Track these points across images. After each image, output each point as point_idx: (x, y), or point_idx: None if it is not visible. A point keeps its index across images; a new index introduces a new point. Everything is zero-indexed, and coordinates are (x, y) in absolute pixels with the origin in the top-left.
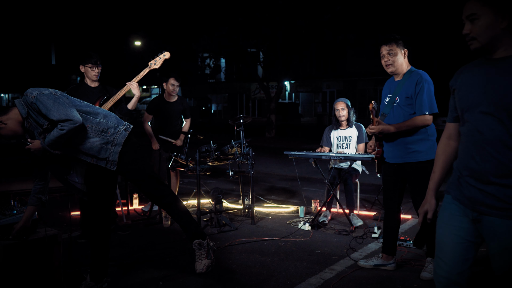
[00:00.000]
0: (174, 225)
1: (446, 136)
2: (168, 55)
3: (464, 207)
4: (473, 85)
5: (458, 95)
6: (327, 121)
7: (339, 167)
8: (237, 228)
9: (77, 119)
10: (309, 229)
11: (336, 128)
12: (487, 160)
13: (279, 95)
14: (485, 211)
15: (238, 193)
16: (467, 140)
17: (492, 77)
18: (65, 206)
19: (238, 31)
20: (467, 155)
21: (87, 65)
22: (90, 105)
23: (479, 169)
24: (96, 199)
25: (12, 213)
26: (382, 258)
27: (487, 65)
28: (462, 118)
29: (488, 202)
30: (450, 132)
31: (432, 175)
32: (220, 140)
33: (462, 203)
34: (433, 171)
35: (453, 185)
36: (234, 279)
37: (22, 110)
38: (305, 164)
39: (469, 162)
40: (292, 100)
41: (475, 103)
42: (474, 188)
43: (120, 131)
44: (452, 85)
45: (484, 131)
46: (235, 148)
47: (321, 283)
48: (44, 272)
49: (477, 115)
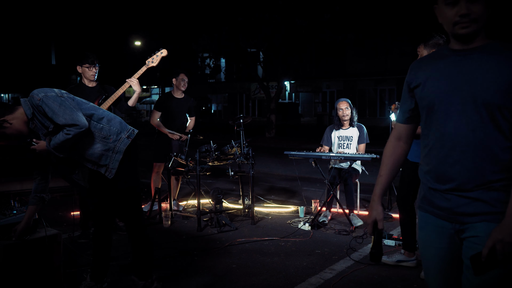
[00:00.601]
0: (174, 225)
1: (396, 137)
2: (165, 52)
3: (443, 220)
4: (444, 80)
5: (423, 92)
6: (327, 121)
7: (339, 167)
8: (237, 228)
9: (83, 124)
10: (309, 229)
11: (337, 128)
12: (467, 166)
13: (279, 95)
14: (468, 220)
15: (238, 193)
16: (440, 145)
17: (467, 70)
18: (65, 206)
19: (238, 31)
20: (441, 162)
21: (84, 65)
22: (95, 108)
23: (458, 177)
24: (99, 201)
25: (12, 213)
26: (404, 255)
27: (457, 57)
28: (429, 119)
29: (471, 210)
30: (400, 133)
31: (378, 179)
32: (220, 140)
33: (438, 216)
34: (379, 175)
35: (425, 199)
36: (234, 279)
37: (27, 111)
38: (305, 164)
39: (445, 170)
40: (292, 100)
41: (449, 101)
42: (453, 197)
43: (122, 138)
44: (411, 81)
45: (462, 133)
46: (235, 148)
47: (321, 283)
48: (44, 272)
49: (453, 115)
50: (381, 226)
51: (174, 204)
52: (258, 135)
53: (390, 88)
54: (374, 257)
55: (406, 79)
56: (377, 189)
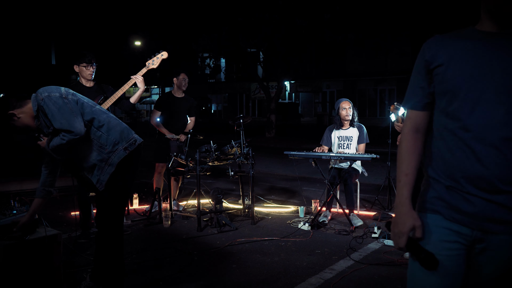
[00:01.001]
0: (174, 225)
1: (413, 129)
2: (165, 55)
3: (460, 225)
4: (474, 63)
5: (446, 74)
6: (327, 121)
7: (339, 167)
8: (237, 228)
9: (78, 131)
10: (309, 229)
11: (338, 127)
12: (496, 163)
13: (279, 95)
14: (492, 228)
15: (238, 193)
16: (465, 138)
17: (503, 55)
18: (65, 206)
19: (238, 31)
20: (466, 158)
21: (82, 65)
22: (99, 112)
23: (486, 175)
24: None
25: (12, 213)
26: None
27: (490, 39)
28: (450, 106)
29: (496, 215)
30: (418, 124)
31: (404, 179)
32: (220, 140)
33: (455, 221)
34: (404, 173)
35: (441, 201)
36: (234, 279)
37: (34, 107)
38: (305, 164)
39: (471, 166)
40: (292, 100)
41: (480, 88)
42: (479, 200)
43: (118, 150)
44: (431, 59)
45: (495, 126)
46: (235, 148)
47: (321, 283)
48: (44, 272)
49: (483, 104)
50: (420, 234)
51: (174, 204)
52: (258, 135)
53: (390, 88)
54: (430, 261)
55: (423, 57)
56: (404, 190)
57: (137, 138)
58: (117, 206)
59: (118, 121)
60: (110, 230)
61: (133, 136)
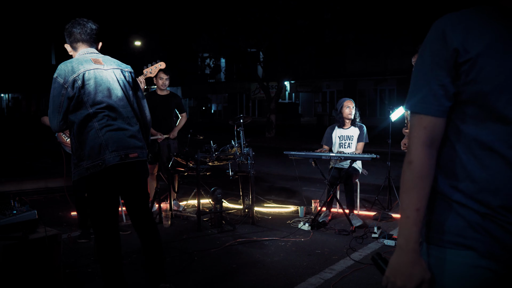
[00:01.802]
0: (174, 225)
1: (427, 142)
2: (163, 65)
3: (502, 266)
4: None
5: (482, 71)
6: (327, 121)
7: (339, 167)
8: (237, 228)
9: (53, 127)
10: (309, 229)
11: (339, 126)
12: None
13: (279, 95)
14: None
15: (238, 193)
16: (506, 154)
17: None
18: (65, 206)
19: (238, 31)
20: (510, 180)
21: None
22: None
23: None
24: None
25: (12, 213)
26: None
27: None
28: (485, 111)
29: None
30: (435, 135)
31: (414, 215)
32: (220, 140)
33: (497, 260)
34: (415, 207)
35: (475, 232)
36: (234, 279)
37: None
38: (305, 164)
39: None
40: (292, 100)
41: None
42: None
43: (81, 167)
44: (461, 48)
45: None
46: (235, 148)
47: (321, 283)
48: (44, 272)
49: None
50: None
51: (174, 204)
52: (258, 135)
53: (390, 88)
54: None
55: (447, 43)
56: (414, 231)
57: (109, 159)
58: (91, 209)
59: (97, 137)
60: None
61: (102, 158)
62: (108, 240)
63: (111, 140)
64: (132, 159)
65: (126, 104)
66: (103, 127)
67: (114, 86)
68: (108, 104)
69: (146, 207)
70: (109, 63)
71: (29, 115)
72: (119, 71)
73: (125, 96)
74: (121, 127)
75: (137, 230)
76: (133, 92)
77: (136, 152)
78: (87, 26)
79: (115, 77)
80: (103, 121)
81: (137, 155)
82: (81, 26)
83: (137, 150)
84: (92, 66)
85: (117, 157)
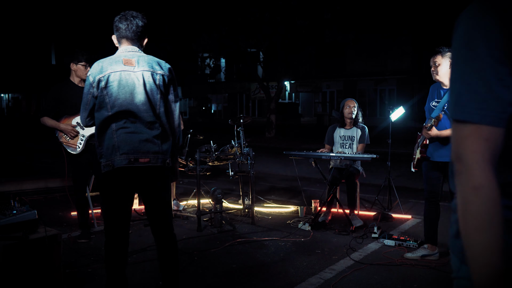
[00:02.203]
0: (174, 225)
1: (492, 159)
2: None
3: None
4: None
5: None
6: (327, 121)
7: (339, 167)
8: (237, 228)
9: (81, 122)
10: (309, 229)
11: (340, 126)
12: None
13: (279, 95)
14: None
15: (238, 193)
16: None
17: None
18: (65, 206)
19: (238, 31)
20: None
21: (81, 63)
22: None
23: None
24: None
25: (12, 213)
26: (428, 249)
27: None
28: None
29: None
30: (497, 149)
31: (498, 263)
32: (220, 140)
33: None
34: (498, 252)
35: None
36: (234, 279)
37: None
38: (305, 164)
39: None
40: (292, 100)
41: None
42: None
43: (101, 163)
44: None
45: None
46: (235, 148)
47: (321, 283)
48: (44, 272)
49: None
50: None
51: (174, 204)
52: (258, 135)
53: (390, 88)
54: None
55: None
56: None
57: (118, 161)
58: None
59: (115, 136)
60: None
61: (112, 158)
62: (113, 239)
63: (123, 143)
64: (143, 164)
65: (148, 108)
66: (119, 128)
67: (138, 90)
68: (128, 108)
69: (162, 215)
70: (142, 65)
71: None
72: (148, 74)
73: (148, 100)
74: (137, 131)
75: (154, 237)
76: (162, 96)
77: (148, 157)
78: (133, 23)
79: (142, 80)
80: (120, 123)
81: (149, 160)
82: (128, 22)
83: (150, 155)
84: (120, 67)
85: (126, 160)
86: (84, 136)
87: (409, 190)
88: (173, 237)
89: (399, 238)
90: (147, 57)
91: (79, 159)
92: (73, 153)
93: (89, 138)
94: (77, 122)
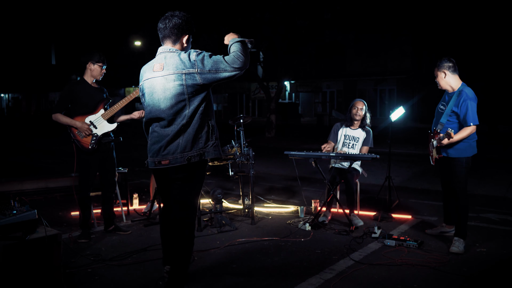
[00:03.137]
0: None
1: None
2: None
3: None
4: None
5: None
6: (327, 121)
7: (339, 167)
8: (237, 228)
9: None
10: (309, 229)
11: (347, 125)
12: None
13: (279, 95)
14: None
15: (238, 193)
16: None
17: None
18: (65, 206)
19: (238, 31)
20: None
21: (98, 63)
22: (146, 122)
23: None
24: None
25: (12, 213)
26: (446, 227)
27: None
28: None
29: None
30: None
31: None
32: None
33: None
34: None
35: None
36: (234, 279)
37: None
38: (305, 164)
39: None
40: (292, 100)
41: None
42: None
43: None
44: None
45: None
46: (235, 148)
47: (321, 283)
48: (44, 272)
49: None
50: None
51: None
52: (258, 135)
53: (390, 88)
54: None
55: None
56: None
57: (149, 163)
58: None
59: (158, 138)
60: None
61: (148, 159)
62: (161, 225)
63: (151, 148)
64: (165, 165)
65: (175, 112)
66: (151, 132)
67: (164, 95)
68: (157, 114)
69: (177, 214)
70: (169, 68)
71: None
72: (174, 77)
73: (174, 104)
74: (162, 134)
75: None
76: (190, 96)
77: (167, 159)
78: (171, 21)
79: (169, 84)
80: (151, 127)
81: (169, 162)
82: (166, 21)
83: (169, 157)
84: (150, 74)
85: (152, 163)
86: (97, 135)
87: (409, 190)
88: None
89: (399, 238)
90: (175, 58)
91: (89, 158)
92: (84, 151)
93: (102, 136)
94: (90, 121)
